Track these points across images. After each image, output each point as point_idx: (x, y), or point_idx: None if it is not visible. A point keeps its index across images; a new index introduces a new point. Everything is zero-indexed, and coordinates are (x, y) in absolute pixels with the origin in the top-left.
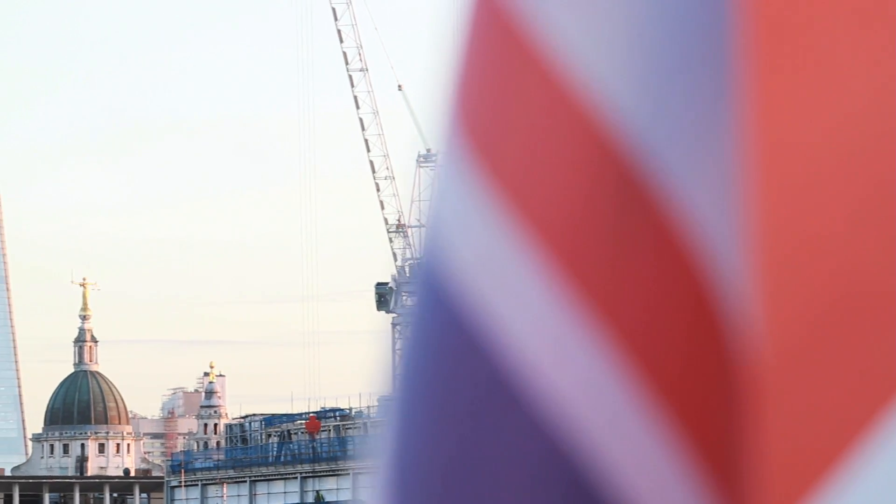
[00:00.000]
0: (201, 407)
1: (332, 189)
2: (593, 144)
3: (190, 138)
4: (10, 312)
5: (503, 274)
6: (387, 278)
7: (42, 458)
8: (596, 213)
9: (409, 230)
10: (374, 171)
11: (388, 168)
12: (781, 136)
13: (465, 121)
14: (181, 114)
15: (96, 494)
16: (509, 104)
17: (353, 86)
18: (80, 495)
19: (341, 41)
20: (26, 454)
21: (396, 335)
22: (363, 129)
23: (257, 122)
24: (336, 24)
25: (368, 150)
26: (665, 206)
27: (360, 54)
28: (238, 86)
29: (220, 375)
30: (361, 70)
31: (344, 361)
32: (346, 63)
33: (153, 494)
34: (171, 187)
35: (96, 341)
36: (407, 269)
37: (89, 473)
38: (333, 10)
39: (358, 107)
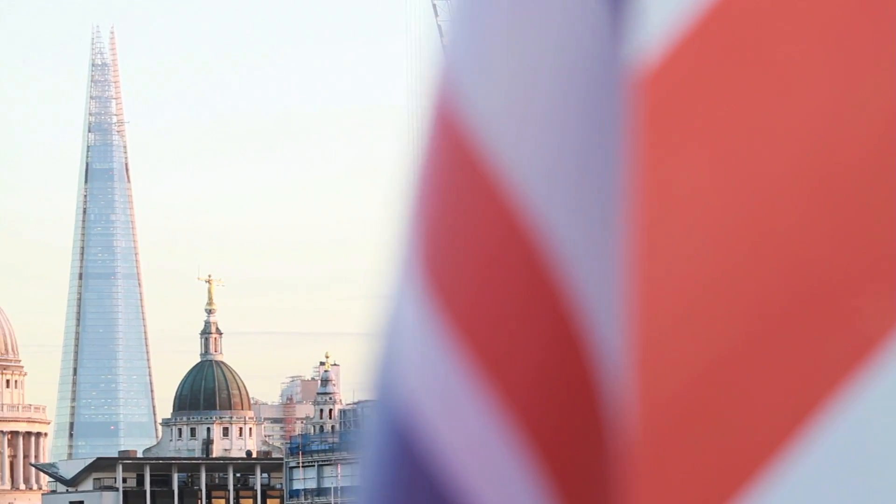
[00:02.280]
0: (317, 394)
1: None
2: (525, 254)
3: (312, 136)
4: (141, 308)
5: (447, 399)
6: None
7: (171, 440)
8: (517, 315)
9: None
10: None
11: None
12: (660, 211)
13: (420, 246)
14: (300, 112)
15: (221, 474)
16: (457, 226)
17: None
18: (206, 475)
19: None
20: (156, 437)
21: None
22: None
23: (374, 126)
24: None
25: None
26: (558, 279)
27: None
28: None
29: (335, 364)
30: None
31: None
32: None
33: (273, 474)
34: (291, 184)
35: (221, 333)
36: None
37: (214, 455)
38: (440, 27)
39: None
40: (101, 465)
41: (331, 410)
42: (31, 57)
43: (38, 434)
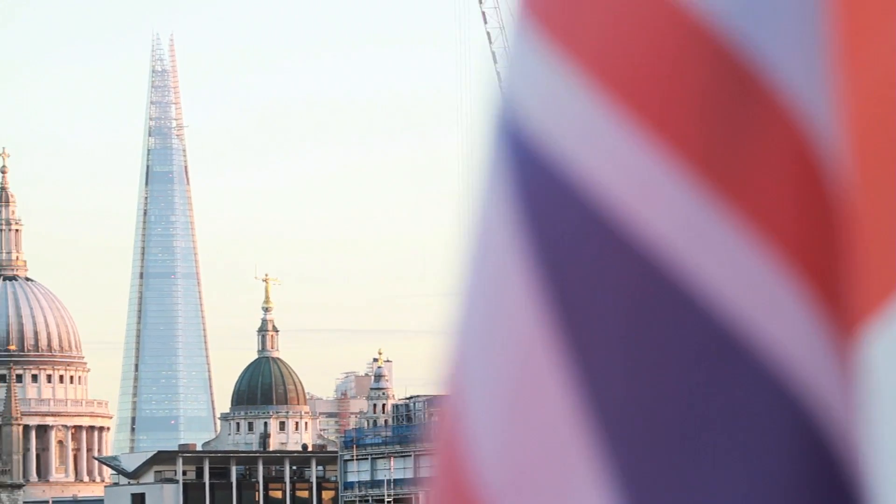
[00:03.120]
0: (371, 389)
1: None
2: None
3: (363, 133)
4: (200, 306)
5: (592, 133)
6: None
7: (229, 434)
8: (683, 73)
9: None
10: None
11: None
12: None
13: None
14: (352, 110)
15: (277, 467)
16: None
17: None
18: (263, 468)
19: (495, 62)
20: (215, 431)
21: None
22: None
23: (425, 122)
24: (490, 48)
25: None
26: (754, 64)
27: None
28: (405, 86)
29: (388, 361)
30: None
31: None
32: (500, 82)
33: (328, 467)
34: (344, 183)
35: (277, 331)
36: None
37: (271, 448)
38: (488, 34)
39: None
40: (162, 458)
41: (384, 405)
42: (94, 63)
43: (101, 428)
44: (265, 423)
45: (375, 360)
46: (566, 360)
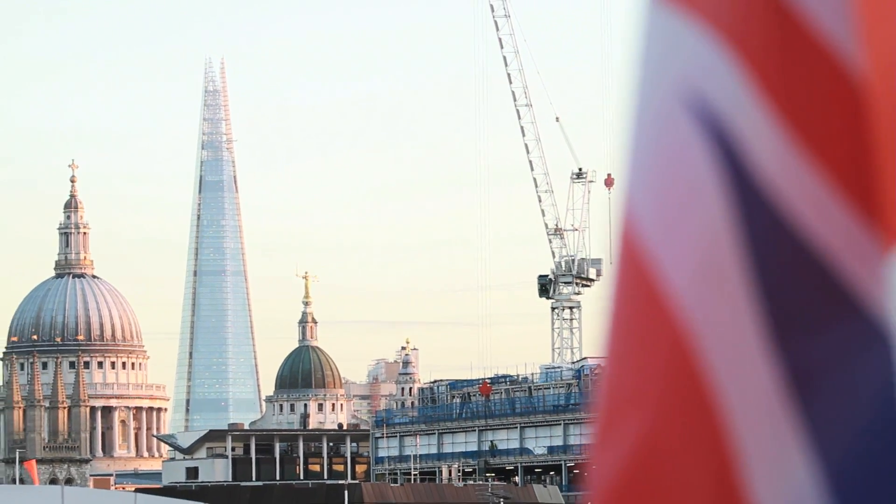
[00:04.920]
0: (399, 374)
1: (503, 201)
2: None
3: (389, 146)
4: (248, 301)
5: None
6: (547, 271)
7: (273, 415)
8: (772, 29)
9: (564, 233)
10: (536, 186)
11: (547, 184)
12: None
13: None
14: (380, 126)
15: (316, 444)
16: None
17: (519, 118)
18: (304, 444)
19: (510, 83)
20: (261, 412)
21: (555, 317)
22: (528, 152)
23: (442, 149)
24: (506, 69)
25: (532, 169)
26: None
27: (525, 93)
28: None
29: (414, 349)
30: (526, 105)
31: (511, 338)
32: (514, 100)
33: (361, 444)
34: (377, 190)
35: (316, 322)
36: (563, 265)
37: (310, 427)
38: (504, 58)
39: (524, 135)
40: (214, 436)
41: (410, 388)
42: (154, 84)
43: (159, 409)
44: (305, 405)
45: (403, 348)
46: (743, 248)
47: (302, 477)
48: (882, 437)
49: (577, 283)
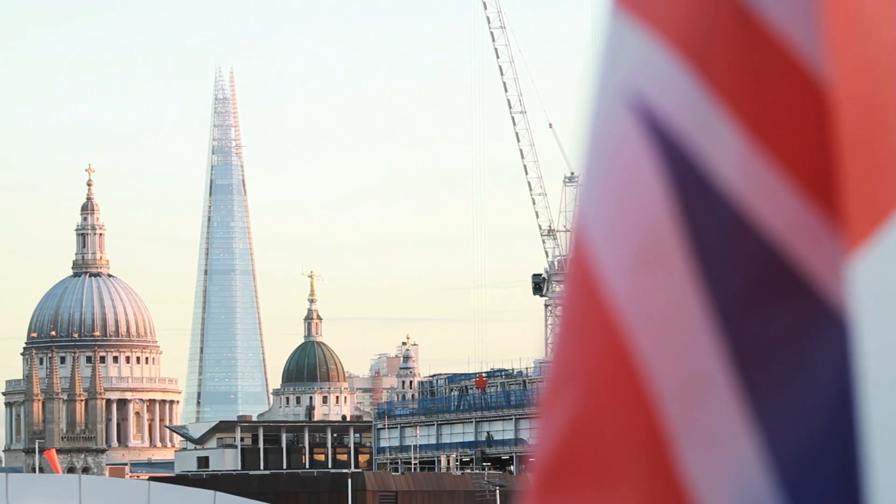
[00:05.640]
0: (400, 368)
1: (498, 202)
2: None
3: (387, 148)
4: (256, 298)
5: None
6: (540, 270)
7: (280, 407)
8: (728, 37)
9: (557, 234)
10: (530, 189)
11: (541, 187)
12: None
13: None
14: (379, 130)
15: (321, 435)
16: None
17: (514, 125)
18: (309, 435)
19: (506, 91)
20: (268, 404)
21: (548, 314)
22: (522, 157)
23: (440, 154)
24: (501, 78)
25: (526, 173)
26: (760, 18)
27: (520, 101)
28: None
29: (415, 344)
30: (521, 112)
31: (506, 333)
32: (510, 107)
33: (364, 435)
34: (377, 192)
35: (321, 318)
36: (556, 264)
37: (316, 419)
38: (500, 67)
39: (518, 140)
40: (223, 427)
41: (411, 382)
42: (167, 93)
43: (172, 402)
44: (310, 398)
45: (404, 343)
46: (684, 237)
47: (307, 466)
48: (833, 418)
49: None
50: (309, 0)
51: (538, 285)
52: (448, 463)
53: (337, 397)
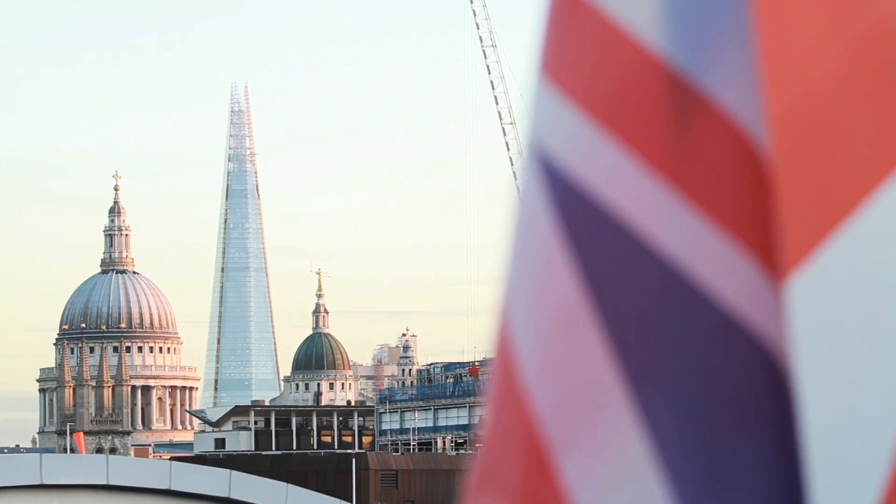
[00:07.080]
0: (400, 357)
1: (490, 208)
2: (644, 60)
3: (392, 153)
4: (268, 294)
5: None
6: None
7: (290, 393)
8: (649, 98)
9: None
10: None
11: None
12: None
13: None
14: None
15: (327, 418)
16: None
17: (504, 134)
18: (317, 419)
19: (497, 104)
20: (279, 390)
21: None
22: (512, 164)
23: (440, 163)
24: (493, 92)
25: (516, 179)
26: (702, 90)
27: (510, 112)
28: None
29: (414, 336)
30: (510, 123)
31: None
32: (500, 119)
33: (367, 418)
34: (380, 196)
35: (328, 312)
36: None
37: (323, 404)
38: (492, 83)
39: (508, 149)
40: (239, 411)
41: (410, 370)
42: (186, 106)
43: (191, 388)
44: (318, 384)
45: (404, 334)
46: (594, 310)
47: (315, 447)
48: (736, 424)
49: None
50: (318, 25)
51: None
52: (444, 444)
53: (342, 384)
